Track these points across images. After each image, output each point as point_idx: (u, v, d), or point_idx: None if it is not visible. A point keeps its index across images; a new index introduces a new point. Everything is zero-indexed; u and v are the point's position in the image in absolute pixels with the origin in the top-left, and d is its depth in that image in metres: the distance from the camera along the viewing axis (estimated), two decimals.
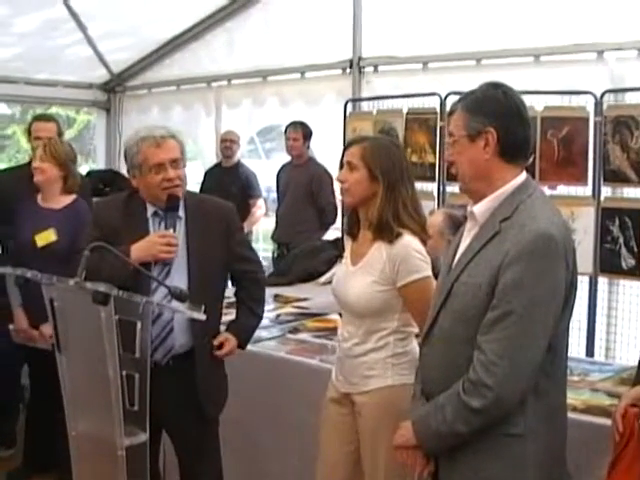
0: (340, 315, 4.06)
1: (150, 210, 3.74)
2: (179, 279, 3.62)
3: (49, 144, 5.00)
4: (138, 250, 3.60)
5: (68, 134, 18.18)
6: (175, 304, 3.37)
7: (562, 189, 5.70)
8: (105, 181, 7.39)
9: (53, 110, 11.72)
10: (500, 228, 2.64)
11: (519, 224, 2.60)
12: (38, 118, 5.97)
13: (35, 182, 4.97)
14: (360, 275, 3.45)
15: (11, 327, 4.96)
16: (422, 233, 3.47)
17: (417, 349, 3.44)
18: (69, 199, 5.01)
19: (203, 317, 3.31)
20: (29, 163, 5.69)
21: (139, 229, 3.69)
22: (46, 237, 4.83)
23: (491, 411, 2.58)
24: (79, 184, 5.11)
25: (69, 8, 8.41)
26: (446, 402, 2.67)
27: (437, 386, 2.75)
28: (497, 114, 2.68)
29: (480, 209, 2.74)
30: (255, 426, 4.43)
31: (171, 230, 3.64)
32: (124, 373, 3.41)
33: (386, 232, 3.38)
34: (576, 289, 2.71)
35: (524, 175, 2.75)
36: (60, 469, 4.06)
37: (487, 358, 2.56)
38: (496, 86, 2.77)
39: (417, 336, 3.52)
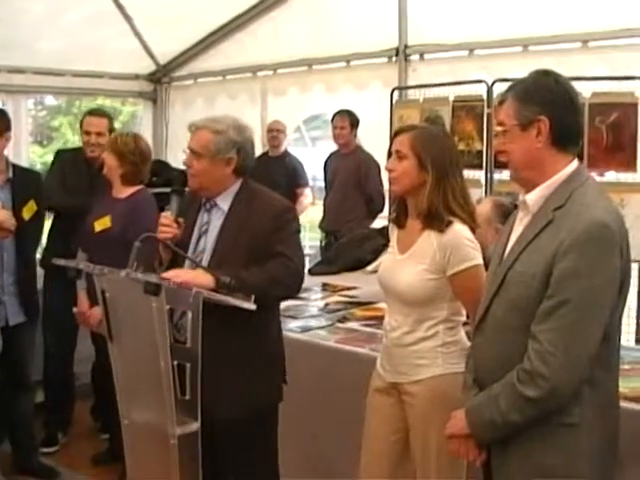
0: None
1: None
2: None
3: (116, 137, 5.18)
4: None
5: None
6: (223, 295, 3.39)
7: (611, 175, 5.64)
8: (153, 171, 7.40)
9: (99, 102, 11.80)
10: (553, 217, 2.62)
11: (573, 213, 2.58)
12: (91, 113, 6.03)
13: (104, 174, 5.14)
14: (410, 263, 3.44)
15: (75, 310, 5.05)
16: (471, 221, 3.45)
17: (465, 338, 3.45)
18: (132, 190, 5.11)
19: (253, 307, 3.33)
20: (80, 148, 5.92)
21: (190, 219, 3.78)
22: (103, 223, 4.97)
23: (546, 401, 2.56)
24: (143, 176, 5.21)
25: (115, 0, 8.47)
26: (500, 391, 2.66)
27: (491, 375, 2.74)
28: (549, 102, 2.66)
29: (532, 198, 2.72)
30: (308, 414, 4.44)
31: (169, 212, 3.69)
32: (175, 363, 3.45)
33: (436, 221, 3.36)
34: (630, 277, 2.68)
35: (576, 163, 2.73)
36: None
37: (542, 347, 2.54)
38: (547, 74, 2.75)
39: (464, 324, 3.52)
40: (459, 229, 3.37)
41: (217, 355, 3.51)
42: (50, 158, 6.64)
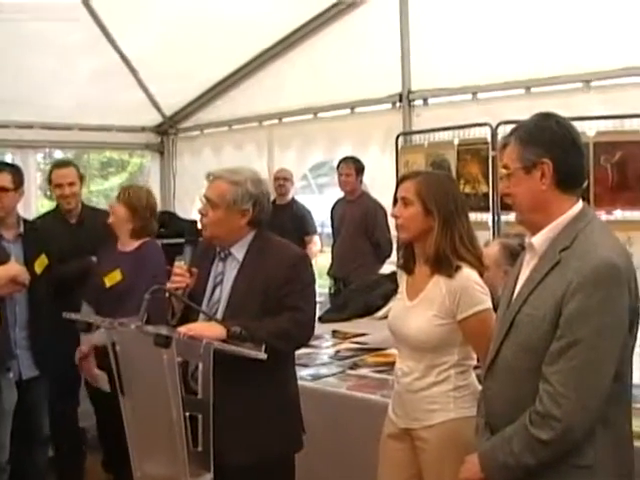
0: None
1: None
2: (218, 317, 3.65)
3: (128, 189, 5.21)
4: None
5: (120, 177, 18.40)
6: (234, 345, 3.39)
7: (618, 213, 5.65)
8: (161, 222, 7.44)
9: (107, 154, 11.91)
10: (560, 258, 2.62)
11: (580, 253, 2.59)
12: (57, 165, 6.05)
13: (109, 223, 5.17)
14: (419, 310, 3.44)
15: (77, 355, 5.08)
16: (479, 265, 3.46)
17: (477, 382, 3.43)
18: (139, 242, 5.16)
19: (264, 356, 3.33)
20: (57, 208, 5.94)
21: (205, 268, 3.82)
22: (113, 277, 5.01)
23: (560, 443, 2.55)
24: (151, 230, 5.26)
25: (120, 54, 8.58)
26: (513, 434, 2.65)
27: (502, 419, 2.73)
28: (552, 144, 2.68)
29: (539, 240, 2.73)
30: (317, 462, 4.39)
31: (182, 262, 3.72)
32: (187, 414, 3.44)
33: (445, 266, 3.37)
34: (638, 315, 2.68)
35: (581, 204, 2.74)
36: None
37: (554, 389, 2.53)
38: (548, 116, 2.77)
39: (475, 368, 3.51)
40: (468, 274, 3.37)
41: (232, 404, 3.51)
42: None
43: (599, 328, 2.52)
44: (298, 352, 3.97)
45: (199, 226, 7.69)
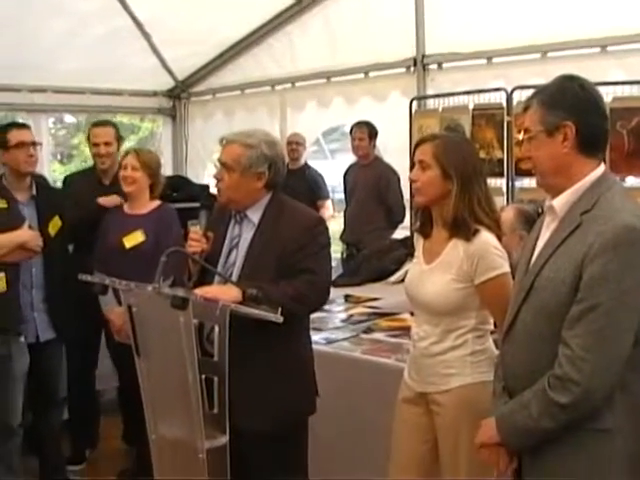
0: (411, 314, 4.05)
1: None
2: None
3: (140, 153, 5.18)
4: None
5: (131, 141, 18.35)
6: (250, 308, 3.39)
7: (632, 180, 5.62)
8: (173, 187, 7.44)
9: (118, 118, 11.89)
10: (581, 221, 2.60)
11: (602, 216, 2.57)
12: (95, 124, 6.06)
13: (126, 192, 5.15)
14: (437, 273, 3.42)
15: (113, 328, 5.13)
16: (497, 229, 3.44)
17: (493, 346, 3.43)
18: (155, 204, 5.20)
19: (280, 319, 3.32)
20: (93, 167, 5.85)
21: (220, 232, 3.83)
22: (134, 238, 5.03)
23: (579, 407, 2.55)
24: (160, 192, 5.28)
25: (133, 18, 8.53)
26: (531, 398, 2.64)
27: (521, 382, 2.73)
28: (575, 108, 2.65)
29: (560, 203, 2.71)
30: (334, 425, 4.41)
31: (197, 227, 3.72)
32: (203, 377, 3.45)
33: (463, 230, 3.35)
34: None
35: (602, 167, 2.72)
36: None
37: (574, 353, 2.53)
38: (571, 79, 2.74)
39: (492, 333, 3.50)
40: (486, 237, 3.35)
41: (247, 368, 3.52)
42: None
43: (619, 292, 2.50)
44: (311, 316, 3.97)
45: (212, 190, 7.75)
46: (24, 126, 5.31)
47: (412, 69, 7.92)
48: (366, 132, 8.03)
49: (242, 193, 3.69)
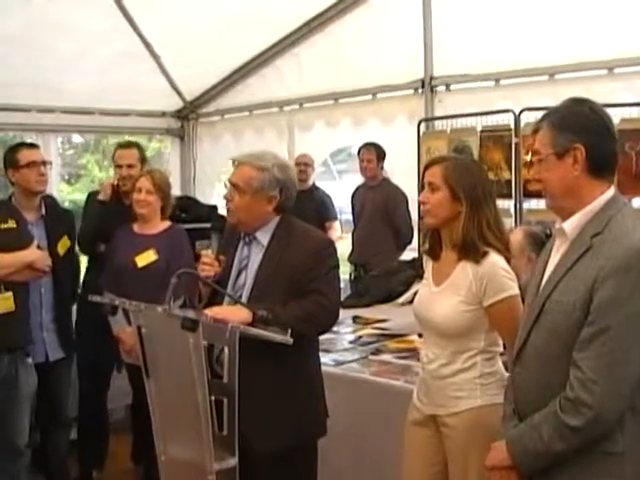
0: (419, 336, 4.04)
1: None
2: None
3: (154, 176, 5.18)
4: None
5: None
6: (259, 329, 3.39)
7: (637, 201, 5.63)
8: (182, 208, 7.46)
9: (126, 139, 11.94)
10: (592, 244, 2.61)
11: (612, 239, 2.57)
12: (121, 145, 6.08)
13: (139, 214, 5.16)
14: (446, 295, 3.42)
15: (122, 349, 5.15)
16: (506, 251, 3.44)
17: (503, 369, 3.42)
18: (165, 225, 5.23)
19: (290, 341, 3.32)
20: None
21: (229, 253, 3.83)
22: (147, 257, 5.04)
23: (590, 429, 2.54)
24: (169, 213, 5.31)
25: (142, 39, 8.57)
26: (542, 421, 2.64)
27: (531, 405, 2.72)
28: (585, 130, 2.66)
29: (570, 225, 2.71)
30: (344, 447, 4.40)
31: (209, 251, 3.72)
32: (212, 398, 3.45)
33: (472, 252, 3.35)
34: None
35: (612, 190, 2.72)
36: None
37: (585, 375, 2.53)
38: (581, 102, 2.75)
39: (501, 355, 3.50)
40: (495, 259, 3.35)
41: (257, 389, 3.52)
42: (78, 196, 6.70)
43: (630, 315, 2.51)
44: (320, 337, 3.97)
45: (220, 211, 7.75)
46: (34, 146, 5.35)
47: (420, 91, 7.93)
48: (374, 153, 8.04)
49: (252, 215, 3.70)
